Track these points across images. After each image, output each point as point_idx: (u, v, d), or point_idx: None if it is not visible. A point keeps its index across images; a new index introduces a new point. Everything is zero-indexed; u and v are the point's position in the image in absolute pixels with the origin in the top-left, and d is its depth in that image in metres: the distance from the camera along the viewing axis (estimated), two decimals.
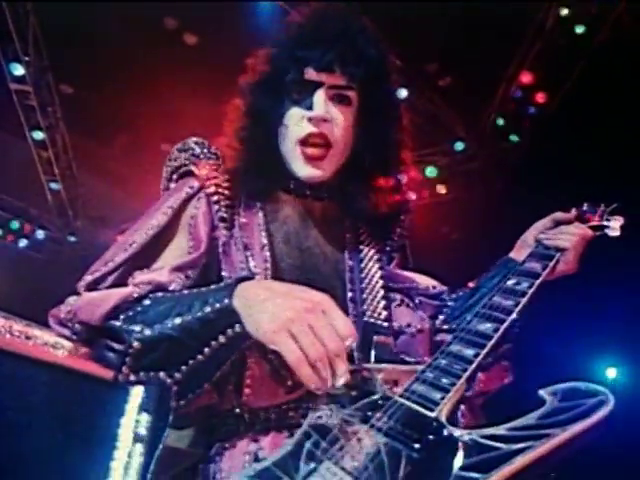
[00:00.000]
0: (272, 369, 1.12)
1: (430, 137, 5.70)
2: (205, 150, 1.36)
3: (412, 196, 1.47)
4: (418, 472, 0.77)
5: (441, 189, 6.08)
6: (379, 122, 1.32)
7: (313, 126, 1.26)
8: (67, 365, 1.25)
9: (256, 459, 1.05)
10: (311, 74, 1.27)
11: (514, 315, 1.07)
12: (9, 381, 1.22)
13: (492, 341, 1.02)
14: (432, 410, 0.88)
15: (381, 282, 1.31)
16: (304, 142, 1.27)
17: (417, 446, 0.81)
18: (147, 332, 1.02)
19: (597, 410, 0.82)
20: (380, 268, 1.34)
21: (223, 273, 1.21)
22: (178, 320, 1.01)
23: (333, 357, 0.89)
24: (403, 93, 5.21)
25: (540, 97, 5.04)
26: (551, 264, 1.24)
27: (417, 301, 1.36)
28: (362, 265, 1.33)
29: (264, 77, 1.31)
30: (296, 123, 1.28)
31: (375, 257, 1.36)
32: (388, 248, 1.43)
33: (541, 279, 1.18)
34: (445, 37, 4.74)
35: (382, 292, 1.30)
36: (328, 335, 0.90)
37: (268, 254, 1.23)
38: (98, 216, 6.58)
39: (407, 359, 1.20)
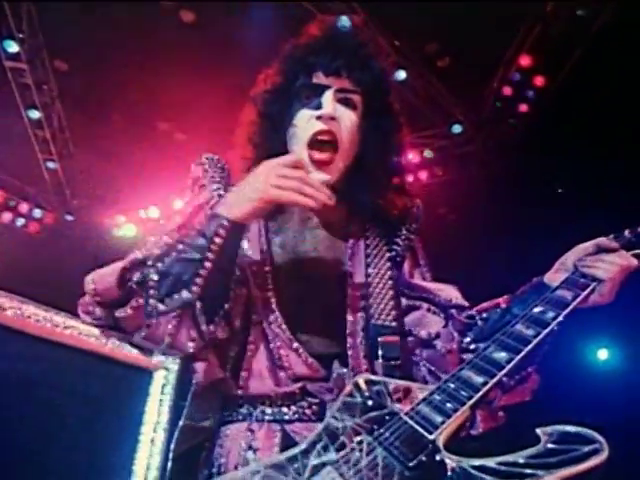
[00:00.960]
0: (268, 358, 1.26)
1: (428, 119, 5.69)
2: (212, 166, 1.45)
3: (418, 201, 1.55)
4: None
5: (438, 171, 6.09)
6: (381, 126, 1.40)
7: (322, 123, 1.33)
8: (99, 352, 1.36)
9: (249, 448, 1.18)
10: (320, 78, 1.37)
11: (532, 346, 1.08)
12: (48, 365, 1.33)
13: (503, 371, 1.04)
14: (431, 433, 0.93)
15: (390, 284, 1.35)
16: (312, 145, 1.34)
17: (410, 464, 0.87)
18: (159, 264, 1.18)
19: (588, 459, 0.82)
20: (389, 270, 1.38)
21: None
22: (180, 246, 1.19)
23: (306, 180, 1.16)
24: (402, 75, 5.19)
25: (539, 81, 5.02)
26: (583, 294, 1.20)
27: (449, 313, 1.39)
28: (369, 269, 1.37)
29: (275, 85, 1.41)
30: (305, 124, 1.35)
31: (383, 260, 1.39)
32: (396, 251, 1.44)
33: (569, 310, 1.16)
34: (444, 18, 4.70)
35: (391, 293, 1.34)
36: (289, 171, 1.17)
37: (268, 258, 1.33)
38: (95, 195, 6.56)
39: (438, 374, 1.29)
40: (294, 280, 1.32)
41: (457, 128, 5.66)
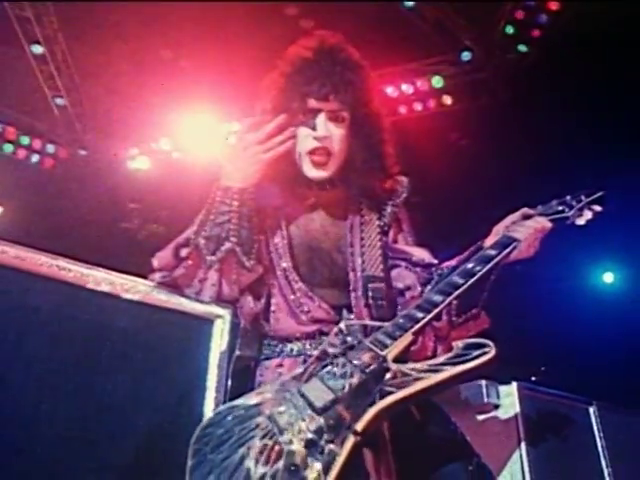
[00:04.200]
0: (291, 303, 1.66)
1: (437, 46, 5.58)
2: None
3: (403, 180, 1.91)
4: (364, 385, 1.29)
5: (447, 99, 6.03)
6: (365, 129, 1.76)
7: (318, 142, 1.72)
8: (165, 306, 1.60)
9: (280, 375, 1.58)
10: (312, 103, 1.71)
11: (461, 290, 1.47)
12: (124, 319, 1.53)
13: (437, 309, 1.43)
14: (382, 350, 1.37)
15: (379, 250, 1.76)
16: (312, 152, 1.73)
17: (367, 370, 1.32)
18: (203, 232, 1.62)
19: (478, 358, 1.25)
20: (380, 239, 1.78)
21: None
22: (212, 216, 1.62)
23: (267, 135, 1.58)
24: (410, 2, 5.06)
25: (553, 4, 4.88)
26: (505, 252, 1.56)
27: (417, 269, 1.80)
28: (363, 240, 1.76)
29: (276, 105, 1.73)
30: (304, 139, 1.72)
31: (373, 229, 1.79)
32: (384, 222, 1.84)
33: (492, 263, 1.53)
34: None
35: (380, 254, 1.75)
36: (253, 137, 1.59)
37: (285, 234, 1.73)
38: (106, 128, 6.54)
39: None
40: (307, 251, 1.73)
41: (466, 55, 5.55)
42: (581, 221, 1.71)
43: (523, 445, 2.18)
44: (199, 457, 1.21)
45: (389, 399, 1.23)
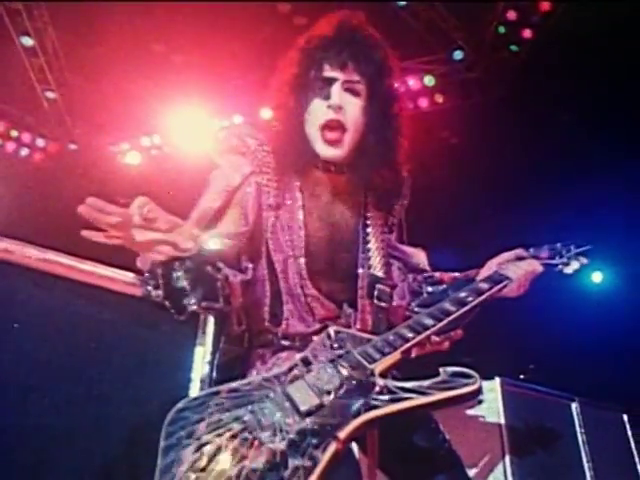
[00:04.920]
0: (301, 308, 1.63)
1: (429, 45, 5.60)
2: (255, 139, 1.67)
3: (407, 176, 1.82)
4: (350, 395, 1.31)
5: (439, 98, 6.06)
6: (382, 109, 1.66)
7: (332, 112, 1.60)
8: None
9: (274, 365, 1.56)
10: (329, 71, 1.62)
11: (452, 317, 1.51)
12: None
13: (428, 332, 1.47)
14: (370, 364, 1.39)
15: (382, 250, 1.74)
16: (324, 127, 1.61)
17: (354, 382, 1.34)
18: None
19: (462, 387, 1.31)
20: (382, 240, 1.75)
21: (270, 246, 1.65)
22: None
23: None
24: (403, 1, 5.08)
25: (544, 5, 4.92)
26: (497, 287, 1.63)
27: (410, 275, 1.81)
28: (368, 236, 1.74)
29: (292, 77, 1.66)
30: (318, 111, 1.62)
31: (379, 229, 1.77)
32: (391, 220, 1.82)
33: (484, 296, 1.58)
34: None
35: (382, 254, 1.73)
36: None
37: (303, 233, 1.65)
38: (96, 122, 6.51)
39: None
40: (328, 244, 1.67)
41: (458, 54, 5.58)
42: (569, 270, 1.79)
43: (505, 439, 2.21)
44: (173, 440, 1.19)
45: (374, 413, 1.26)
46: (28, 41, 5.65)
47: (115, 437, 1.38)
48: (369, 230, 1.73)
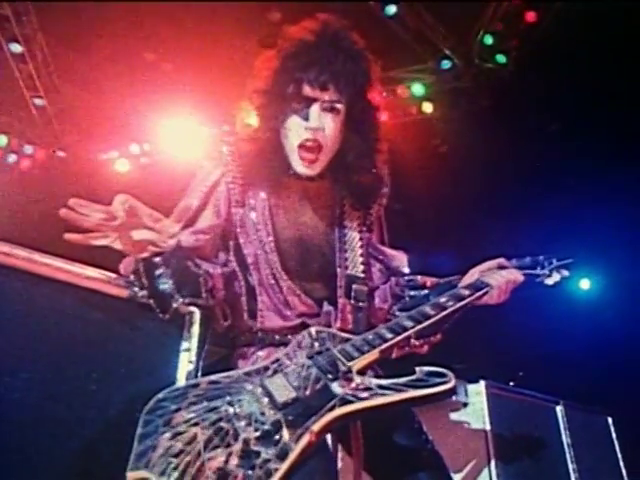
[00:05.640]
0: (277, 301, 1.66)
1: (417, 54, 5.66)
2: (228, 145, 1.73)
3: (385, 181, 1.87)
4: (326, 390, 1.35)
5: (427, 107, 6.11)
6: (362, 122, 1.69)
7: (310, 134, 1.62)
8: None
9: (255, 362, 1.59)
10: (307, 91, 1.61)
11: (431, 321, 1.54)
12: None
13: (407, 333, 1.50)
14: (349, 361, 1.42)
15: (360, 249, 1.76)
16: (301, 146, 1.64)
17: (331, 377, 1.38)
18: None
19: (437, 386, 1.34)
20: (361, 238, 1.78)
21: (240, 240, 1.70)
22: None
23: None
24: (392, 9, 5.13)
25: (530, 16, 4.99)
26: (477, 294, 1.65)
27: (391, 278, 1.84)
28: (346, 236, 1.76)
29: (269, 87, 1.66)
30: (296, 130, 1.64)
31: (356, 228, 1.79)
32: (369, 220, 1.84)
33: (464, 302, 1.61)
34: None
35: (360, 252, 1.75)
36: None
37: (271, 230, 1.68)
38: (85, 130, 6.50)
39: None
40: (298, 245, 1.71)
41: (446, 64, 5.63)
42: (550, 282, 1.83)
43: (490, 442, 2.22)
44: (150, 428, 1.21)
45: (348, 408, 1.29)
46: (17, 48, 5.63)
47: (100, 436, 1.38)
48: (346, 230, 1.76)
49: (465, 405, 2.32)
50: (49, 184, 6.36)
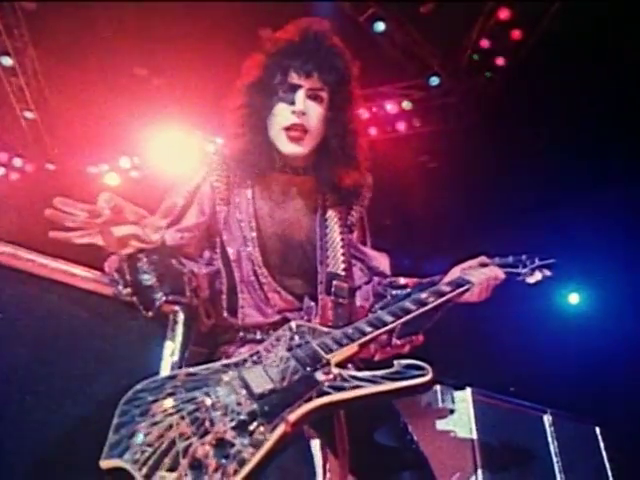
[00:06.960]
0: (258, 298, 1.68)
1: (406, 71, 5.73)
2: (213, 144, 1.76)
3: (369, 179, 1.93)
4: (304, 381, 1.35)
5: (416, 122, 6.17)
6: (343, 114, 1.76)
7: (295, 117, 1.69)
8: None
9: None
10: (294, 78, 1.71)
11: (411, 316, 1.54)
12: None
13: (386, 328, 1.50)
14: (327, 354, 1.43)
15: (341, 248, 1.78)
16: (288, 128, 1.70)
17: (309, 369, 1.38)
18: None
19: (414, 378, 1.33)
20: (342, 238, 1.80)
21: (224, 238, 1.74)
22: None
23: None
24: (380, 26, 5.21)
25: (516, 34, 5.07)
26: (458, 290, 1.65)
27: (373, 278, 1.85)
28: (327, 234, 1.79)
29: (257, 80, 1.74)
30: (282, 114, 1.71)
31: (338, 227, 1.81)
32: (350, 220, 1.87)
33: (445, 298, 1.61)
34: None
35: (341, 251, 1.78)
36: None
37: (255, 226, 1.73)
38: (75, 143, 6.49)
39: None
40: (279, 241, 1.74)
41: (434, 80, 5.71)
42: (531, 280, 1.83)
43: (477, 450, 2.21)
44: (126, 417, 1.22)
45: (325, 399, 1.29)
46: (7, 60, 5.64)
47: (80, 433, 1.38)
48: (328, 229, 1.79)
49: (452, 412, 2.30)
50: (38, 197, 6.33)
